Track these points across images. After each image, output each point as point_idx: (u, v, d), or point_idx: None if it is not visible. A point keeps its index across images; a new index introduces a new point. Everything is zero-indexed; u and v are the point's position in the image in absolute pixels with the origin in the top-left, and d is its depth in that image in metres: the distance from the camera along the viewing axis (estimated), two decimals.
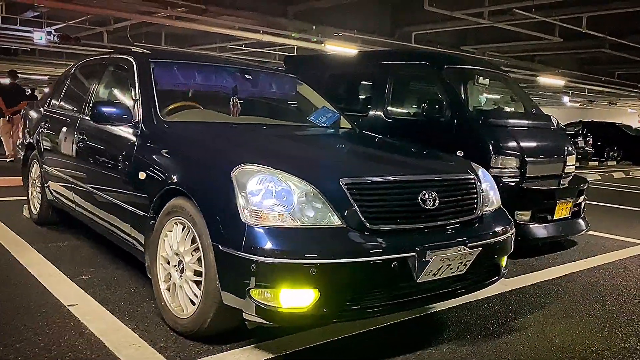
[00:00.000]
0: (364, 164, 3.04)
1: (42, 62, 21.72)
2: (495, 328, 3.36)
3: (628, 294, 4.17)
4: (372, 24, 12.74)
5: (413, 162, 3.45)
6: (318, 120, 4.28)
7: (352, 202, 2.64)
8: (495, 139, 5.27)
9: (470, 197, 3.18)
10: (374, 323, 3.23)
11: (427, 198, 2.88)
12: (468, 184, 3.22)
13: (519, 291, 4.12)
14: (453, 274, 2.89)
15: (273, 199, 2.56)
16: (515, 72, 17.42)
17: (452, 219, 3.01)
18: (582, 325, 3.49)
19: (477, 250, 2.92)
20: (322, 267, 2.47)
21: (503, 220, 3.41)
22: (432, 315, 3.52)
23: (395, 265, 2.64)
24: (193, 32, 15.66)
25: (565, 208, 5.48)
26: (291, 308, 2.50)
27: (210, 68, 4.37)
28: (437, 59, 5.93)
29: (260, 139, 3.38)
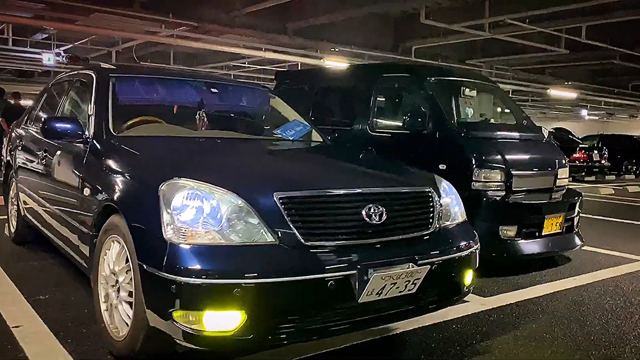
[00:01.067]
0: (306, 178, 2.89)
1: None
2: (456, 351, 3.16)
3: (612, 314, 3.92)
4: (375, 40, 12.67)
5: (365, 175, 3.29)
6: (285, 133, 4.15)
7: (286, 218, 2.49)
8: (478, 151, 5.08)
9: (424, 212, 3.02)
10: (329, 345, 3.05)
11: (372, 212, 2.72)
12: (422, 198, 3.05)
13: (495, 311, 3.91)
14: (402, 294, 2.72)
15: (199, 215, 2.44)
16: (524, 86, 17.18)
17: (402, 234, 2.84)
18: (553, 347, 3.27)
19: (427, 268, 2.73)
20: (246, 287, 2.33)
21: (466, 235, 3.23)
22: (394, 337, 3.33)
23: (332, 284, 2.48)
24: (201, 51, 15.81)
25: (556, 223, 5.24)
26: (216, 332, 2.36)
27: (176, 82, 4.29)
28: (420, 71, 5.79)
29: (208, 153, 3.26)
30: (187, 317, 2.34)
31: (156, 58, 16.62)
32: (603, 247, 6.24)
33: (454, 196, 3.39)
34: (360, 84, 6.29)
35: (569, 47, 12.03)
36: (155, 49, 16.02)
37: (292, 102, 7.15)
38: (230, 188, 2.52)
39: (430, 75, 5.65)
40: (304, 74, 7.29)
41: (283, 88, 7.49)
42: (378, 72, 6.29)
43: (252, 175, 2.79)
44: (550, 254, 5.30)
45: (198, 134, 3.83)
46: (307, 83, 7.01)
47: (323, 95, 6.77)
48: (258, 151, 3.49)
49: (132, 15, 9.73)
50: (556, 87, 17.05)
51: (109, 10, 9.60)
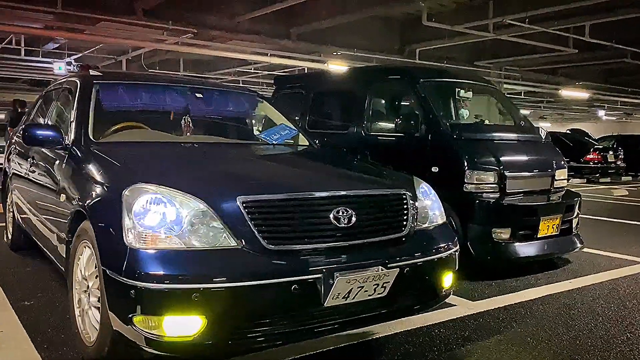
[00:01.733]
0: (273, 181, 2.86)
1: None
2: (434, 356, 3.10)
3: (603, 318, 3.83)
4: (381, 43, 12.64)
5: (338, 178, 3.24)
6: (270, 137, 4.14)
7: (249, 221, 2.47)
8: (470, 153, 5.02)
9: (397, 214, 2.97)
10: (306, 349, 3.03)
11: (341, 216, 2.69)
12: (395, 200, 3.01)
13: (482, 315, 3.84)
14: (371, 297, 2.68)
15: (161, 220, 2.43)
16: (535, 87, 16.98)
17: (373, 237, 2.80)
18: (535, 352, 3.20)
19: (396, 271, 2.69)
20: (205, 292, 2.31)
21: (444, 237, 3.19)
22: (373, 342, 3.28)
23: (295, 288, 2.45)
24: (211, 58, 15.92)
25: (553, 225, 5.14)
26: (176, 337, 2.34)
27: (162, 88, 4.30)
28: (412, 73, 5.74)
29: (182, 159, 3.25)
30: (148, 322, 2.33)
31: (166, 66, 16.80)
32: (606, 250, 6.11)
33: (433, 198, 3.34)
34: (355, 87, 6.26)
35: (578, 46, 11.86)
36: (164, 56, 16.19)
37: (290, 106, 7.19)
38: (193, 193, 2.51)
39: (422, 77, 5.60)
40: (301, 78, 7.28)
41: (281, 93, 7.50)
42: (371, 75, 6.27)
43: (218, 180, 2.78)
44: (546, 256, 5.20)
45: (180, 140, 3.83)
46: (304, 87, 7.00)
47: (319, 99, 6.75)
48: (234, 156, 3.48)
49: (135, 23, 9.83)
50: (568, 88, 16.81)
51: (113, 19, 9.71)
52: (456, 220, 4.92)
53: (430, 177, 5.14)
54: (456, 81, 5.83)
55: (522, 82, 16.15)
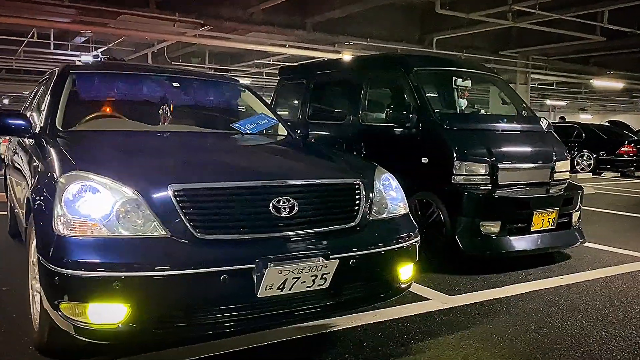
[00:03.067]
0: (212, 170, 2.81)
1: None
2: (386, 351, 3.02)
3: (583, 316, 3.66)
4: (400, 32, 12.42)
5: (287, 167, 3.15)
6: (244, 126, 4.10)
7: (179, 210, 2.45)
8: (460, 144, 4.87)
9: (347, 204, 2.90)
10: (256, 340, 3.00)
11: (281, 205, 2.63)
12: (346, 190, 2.94)
13: (454, 310, 3.72)
14: (310, 289, 2.62)
15: (89, 208, 2.42)
16: (566, 77, 16.42)
17: (318, 227, 2.73)
18: (495, 349, 3.08)
19: (335, 262, 2.62)
20: (128, 280, 2.30)
21: (402, 228, 3.10)
22: (330, 334, 3.22)
23: (225, 278, 2.41)
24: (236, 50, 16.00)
25: (547, 219, 4.95)
26: (101, 325, 2.34)
27: (141, 78, 4.31)
28: (405, 61, 5.59)
29: (137, 147, 3.22)
30: (73, 309, 2.34)
31: (190, 58, 16.98)
32: (614, 245, 5.85)
33: (394, 188, 3.25)
34: (351, 76, 6.17)
35: (606, 34, 11.38)
36: (190, 49, 16.35)
37: (292, 96, 7.16)
38: (125, 181, 2.49)
39: (416, 66, 5.45)
40: (302, 68, 7.21)
41: (285, 83, 7.47)
42: (367, 64, 6.16)
43: (157, 168, 2.74)
44: (541, 251, 5.00)
45: (150, 129, 3.82)
46: (305, 77, 6.94)
47: (319, 89, 6.69)
48: (194, 145, 3.44)
49: (146, 15, 9.93)
50: (601, 78, 16.17)
51: (128, 12, 9.84)
52: (444, 213, 4.80)
53: (420, 168, 5.07)
54: (453, 70, 5.65)
55: (549, 72, 15.62)
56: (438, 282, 4.35)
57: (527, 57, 14.34)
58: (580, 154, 17.29)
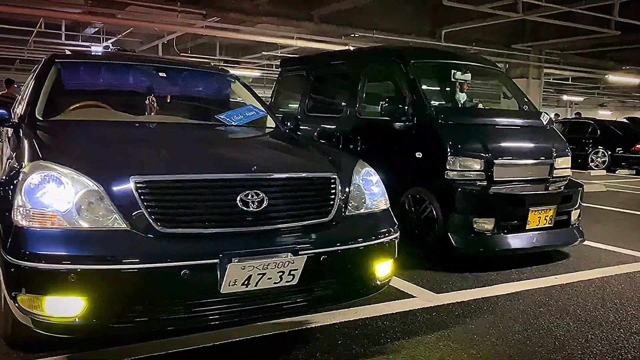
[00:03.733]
0: (177, 162, 2.72)
1: None
2: (359, 350, 2.94)
3: (571, 318, 3.54)
4: (411, 25, 12.25)
5: (260, 160, 3.03)
6: (230, 118, 4.03)
7: (140, 203, 2.39)
8: (454, 138, 4.76)
9: (321, 198, 2.82)
10: (232, 335, 2.95)
11: (249, 199, 2.56)
12: (320, 185, 2.86)
13: (438, 308, 3.63)
14: (278, 285, 2.55)
15: (50, 199, 2.37)
16: (581, 71, 16.10)
17: (288, 222, 2.67)
18: (473, 350, 2.98)
19: (303, 258, 2.54)
20: (84, 273, 2.25)
21: (380, 224, 3.02)
22: (305, 331, 3.15)
23: (186, 273, 2.35)
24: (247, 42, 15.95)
25: (544, 216, 4.81)
26: (58, 318, 2.30)
27: (128, 68, 4.26)
28: (402, 54, 5.48)
29: (111, 138, 3.16)
30: (31, 302, 2.30)
31: (201, 50, 16.96)
32: (614, 244, 5.69)
33: (374, 183, 3.17)
34: (349, 69, 6.07)
35: (621, 28, 11.10)
36: (201, 40, 16.34)
37: (292, 88, 7.08)
38: (88, 172, 2.44)
39: (413, 58, 5.34)
40: (302, 60, 7.12)
41: (285, 75, 7.40)
42: (364, 56, 6.06)
43: (120, 159, 2.68)
44: (536, 249, 4.87)
45: (132, 119, 3.77)
46: (305, 69, 6.86)
47: (318, 81, 6.61)
48: (170, 136, 3.36)
49: (152, 6, 9.90)
50: (617, 73, 15.80)
51: (135, 2, 9.82)
52: (437, 209, 4.70)
53: (415, 163, 4.97)
54: (452, 62, 5.52)
55: (563, 67, 15.31)
56: (427, 279, 4.26)
57: (541, 51, 14.06)
58: (595, 151, 16.97)
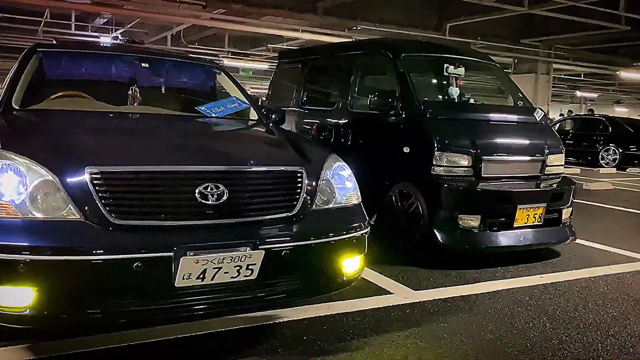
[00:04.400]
0: (138, 152, 2.69)
1: None
2: (325, 346, 2.90)
3: (548, 318, 3.47)
4: (416, 18, 12.12)
5: (225, 152, 2.99)
6: (211, 110, 4.00)
7: (94, 194, 2.37)
8: (442, 133, 4.69)
9: (286, 192, 2.79)
10: (193, 329, 2.92)
11: (209, 192, 2.53)
12: (285, 178, 2.83)
13: (413, 305, 3.58)
14: (235, 279, 2.51)
15: (3, 188, 2.36)
16: (594, 67, 15.84)
17: (249, 216, 2.64)
18: (440, 350, 2.93)
19: (261, 253, 2.50)
20: (34, 264, 2.24)
21: (349, 220, 2.98)
22: (272, 325, 3.11)
23: (138, 265, 2.33)
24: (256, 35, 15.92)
25: (533, 214, 4.73)
26: (9, 308, 2.29)
27: (111, 58, 4.24)
28: (393, 46, 5.39)
29: (79, 129, 3.12)
30: None
31: (210, 42, 16.96)
32: (610, 244, 5.58)
33: (345, 178, 3.13)
34: (342, 62, 6.02)
35: (631, 23, 10.88)
36: (209, 32, 16.32)
37: (288, 81, 7.03)
38: (43, 162, 2.42)
39: (405, 52, 5.26)
40: (298, 52, 7.07)
41: (282, 67, 7.35)
42: (356, 49, 5.99)
43: (78, 149, 2.65)
44: (524, 247, 4.79)
45: (109, 109, 3.73)
46: (300, 61, 6.81)
47: (313, 74, 6.55)
48: (140, 126, 3.34)
49: None
50: (629, 70, 15.50)
51: None
52: (422, 205, 4.64)
53: (402, 158, 4.91)
54: (445, 56, 5.44)
55: (573, 62, 15.06)
56: (408, 275, 4.21)
57: (550, 47, 13.84)
58: (606, 148, 16.73)
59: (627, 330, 3.31)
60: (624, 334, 3.26)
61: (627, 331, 3.30)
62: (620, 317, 3.55)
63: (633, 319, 3.52)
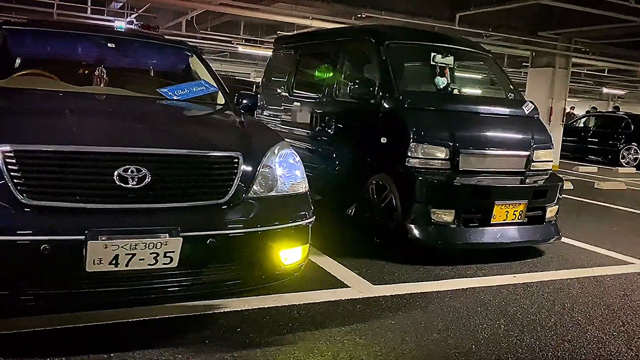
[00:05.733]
0: (58, 132, 2.58)
1: None
2: (257, 339, 2.79)
3: (507, 320, 3.31)
4: (428, 8, 11.81)
5: (151, 134, 2.87)
6: (174, 92, 3.90)
7: (6, 173, 2.29)
8: (419, 124, 4.52)
9: (217, 178, 2.69)
10: (118, 317, 2.84)
11: (129, 175, 2.44)
12: (218, 163, 2.72)
13: (366, 300, 3.45)
14: (154, 267, 2.42)
15: None
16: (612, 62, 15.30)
17: (174, 201, 2.55)
18: (377, 347, 2.80)
19: (179, 240, 2.40)
20: None
21: (290, 209, 2.88)
22: (208, 316, 3.02)
23: (46, 248, 2.25)
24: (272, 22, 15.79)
25: (513, 211, 4.54)
26: None
27: (76, 37, 4.17)
28: (378, 33, 5.22)
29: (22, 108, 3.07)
30: None
31: (225, 29, 16.89)
32: (600, 245, 5.35)
33: (290, 165, 3.00)
34: (330, 49, 5.87)
35: None
36: (225, 18, 16.25)
37: (282, 67, 6.91)
38: None
39: (390, 39, 5.08)
40: (292, 38, 6.92)
41: (277, 53, 7.23)
42: (343, 36, 5.83)
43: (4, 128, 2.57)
44: (502, 245, 4.61)
45: (67, 89, 3.64)
46: (293, 47, 6.68)
47: (304, 60, 6.41)
48: (77, 107, 3.19)
49: None
50: None
51: None
52: (396, 198, 4.49)
53: (380, 149, 4.77)
54: (433, 45, 5.24)
55: (593, 57, 14.53)
56: (373, 269, 4.08)
57: (569, 40, 13.36)
58: (627, 147, 16.22)
59: (585, 336, 3.13)
60: (581, 339, 3.09)
61: (586, 337, 3.13)
62: (584, 322, 3.36)
63: (597, 324, 3.34)
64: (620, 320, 3.44)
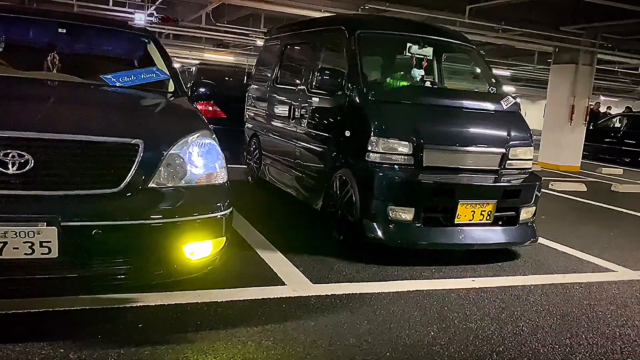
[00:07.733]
0: None
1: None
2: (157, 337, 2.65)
3: (440, 327, 3.08)
4: (442, 1, 11.47)
5: (49, 119, 2.72)
6: (118, 79, 3.81)
7: None
8: (381, 118, 4.31)
9: (111, 166, 2.57)
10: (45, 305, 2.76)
11: (9, 160, 2.34)
12: (113, 150, 2.60)
13: (296, 300, 3.28)
14: (31, 257, 2.33)
15: None
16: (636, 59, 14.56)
17: (58, 189, 2.44)
18: (277, 350, 2.63)
19: (55, 230, 2.29)
20: None
21: (198, 200, 2.77)
22: (120, 309, 2.90)
23: None
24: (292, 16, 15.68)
25: (480, 211, 4.28)
26: None
27: (26, 22, 4.12)
28: (349, 22, 5.02)
29: None
30: None
31: (245, 22, 16.84)
32: (584, 250, 5.02)
33: (205, 154, 2.87)
34: (307, 39, 5.71)
35: None
36: (246, 11, 16.21)
37: (269, 58, 6.78)
38: None
39: (362, 28, 4.87)
40: (278, 29, 6.75)
41: (267, 44, 7.11)
42: (318, 26, 5.63)
43: None
44: (466, 247, 4.35)
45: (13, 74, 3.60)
46: (279, 38, 6.53)
47: (286, 51, 6.26)
48: (22, 93, 3.14)
49: None
50: None
51: None
52: (355, 194, 4.30)
53: (344, 142, 4.58)
54: (409, 35, 5.00)
55: (619, 53, 13.83)
56: (321, 267, 3.90)
57: (595, 35, 12.76)
58: None
59: (519, 349, 2.89)
60: (514, 352, 2.85)
61: (520, 349, 2.88)
62: (527, 332, 3.11)
63: (540, 335, 3.08)
64: (569, 332, 3.17)
